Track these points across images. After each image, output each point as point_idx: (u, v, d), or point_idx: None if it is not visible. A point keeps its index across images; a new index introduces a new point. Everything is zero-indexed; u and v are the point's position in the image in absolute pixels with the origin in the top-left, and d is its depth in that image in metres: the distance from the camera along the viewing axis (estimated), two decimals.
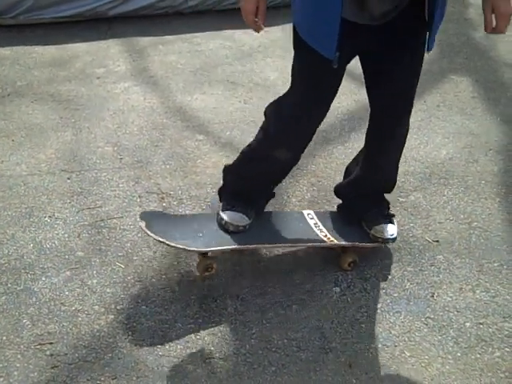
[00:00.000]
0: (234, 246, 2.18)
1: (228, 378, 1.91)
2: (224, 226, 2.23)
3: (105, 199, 2.67)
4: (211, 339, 2.04)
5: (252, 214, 2.29)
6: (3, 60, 3.89)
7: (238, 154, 2.31)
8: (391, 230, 2.33)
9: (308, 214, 2.42)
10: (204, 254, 2.21)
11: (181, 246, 2.10)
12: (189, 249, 2.12)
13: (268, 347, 2.02)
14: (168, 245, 2.10)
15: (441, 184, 2.81)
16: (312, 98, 2.04)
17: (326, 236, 2.29)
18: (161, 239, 2.09)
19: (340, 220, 2.41)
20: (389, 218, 2.36)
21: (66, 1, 4.21)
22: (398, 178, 2.82)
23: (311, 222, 2.37)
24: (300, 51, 1.98)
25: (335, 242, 2.26)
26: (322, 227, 2.34)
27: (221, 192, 2.39)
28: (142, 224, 2.15)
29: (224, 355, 1.99)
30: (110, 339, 2.03)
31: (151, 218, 2.22)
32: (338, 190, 2.45)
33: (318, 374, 1.94)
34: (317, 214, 2.44)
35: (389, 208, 2.41)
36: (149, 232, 2.12)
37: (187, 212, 2.60)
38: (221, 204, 2.33)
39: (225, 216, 2.25)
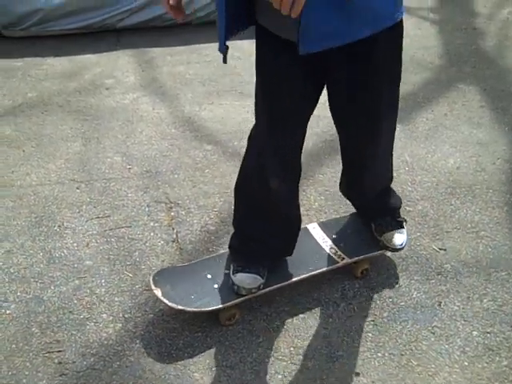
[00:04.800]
0: (251, 295, 2.11)
1: None
2: (237, 291, 2.09)
3: (113, 209, 2.70)
4: (218, 348, 2.05)
5: (265, 271, 2.14)
6: (14, 71, 3.95)
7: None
8: (400, 238, 2.31)
9: (313, 228, 2.40)
10: None
11: (201, 310, 2.05)
12: (209, 309, 2.06)
13: (274, 355, 2.03)
14: (189, 311, 2.06)
15: (448, 193, 2.81)
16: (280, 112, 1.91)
17: (336, 253, 2.28)
18: (180, 307, 2.03)
19: (347, 228, 2.41)
20: (400, 224, 2.33)
21: (75, 13, 4.27)
22: (404, 187, 2.83)
23: (318, 238, 2.35)
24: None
25: (347, 259, 2.25)
26: (330, 242, 2.33)
27: (230, 248, 2.25)
28: (158, 293, 2.08)
29: (231, 363, 2.00)
30: (118, 347, 2.05)
31: (164, 282, 2.13)
32: (346, 195, 2.42)
33: (324, 383, 1.94)
34: (321, 225, 2.42)
35: (399, 214, 2.39)
36: (167, 301, 2.05)
37: (195, 222, 2.62)
38: (231, 264, 2.18)
39: (236, 280, 2.10)
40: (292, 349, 2.05)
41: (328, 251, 2.30)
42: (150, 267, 2.37)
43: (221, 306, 2.07)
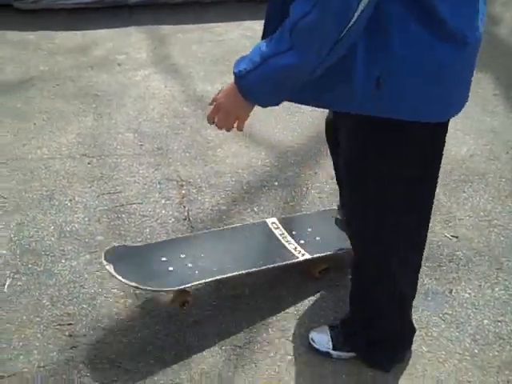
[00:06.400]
0: (205, 280, 2.02)
1: (244, 366, 1.92)
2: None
3: (125, 185, 2.69)
4: (228, 327, 2.05)
5: None
6: (26, 44, 3.92)
7: (257, 144, 2.17)
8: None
9: (272, 223, 2.32)
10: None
11: (155, 289, 1.97)
12: (163, 289, 1.99)
13: (285, 337, 2.02)
14: (142, 289, 1.96)
15: (461, 181, 2.79)
16: None
17: (295, 249, 2.20)
18: (133, 284, 1.93)
19: (307, 226, 2.33)
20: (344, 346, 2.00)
21: None
22: None
23: (277, 233, 2.27)
24: None
25: (307, 256, 2.17)
26: (289, 238, 2.25)
27: None
28: (110, 268, 1.96)
29: (241, 343, 1.99)
30: (128, 322, 2.05)
31: (117, 258, 2.02)
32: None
33: (333, 365, 1.94)
34: (282, 221, 2.34)
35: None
36: (120, 278, 1.93)
37: (206, 200, 2.61)
38: None
39: None
40: (302, 330, 2.04)
41: (288, 246, 2.21)
42: None
43: (176, 288, 1.97)
